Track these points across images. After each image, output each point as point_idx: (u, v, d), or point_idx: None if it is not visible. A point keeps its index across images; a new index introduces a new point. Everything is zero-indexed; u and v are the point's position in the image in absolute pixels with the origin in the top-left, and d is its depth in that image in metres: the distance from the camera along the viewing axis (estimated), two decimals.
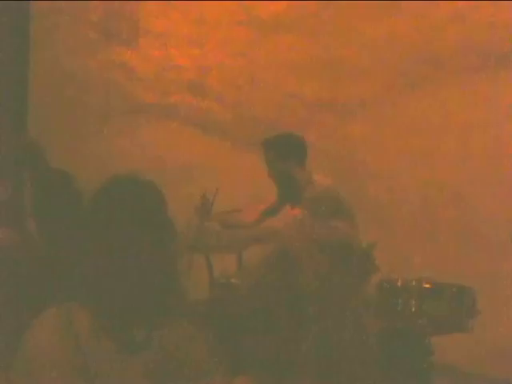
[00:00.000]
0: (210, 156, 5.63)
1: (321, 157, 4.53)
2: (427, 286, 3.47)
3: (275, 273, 1.52)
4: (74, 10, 5.99)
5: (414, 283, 3.48)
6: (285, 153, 3.98)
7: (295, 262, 1.53)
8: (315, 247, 1.56)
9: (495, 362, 4.56)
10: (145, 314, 1.69)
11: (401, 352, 3.44)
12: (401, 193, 5.10)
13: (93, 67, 5.93)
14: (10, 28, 5.87)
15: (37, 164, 4.43)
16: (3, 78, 5.78)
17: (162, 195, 1.77)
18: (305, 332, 1.49)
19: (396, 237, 5.01)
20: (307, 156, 4.05)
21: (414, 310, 3.42)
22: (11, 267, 3.63)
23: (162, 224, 1.73)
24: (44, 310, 1.69)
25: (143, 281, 1.68)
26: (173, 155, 5.68)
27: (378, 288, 3.46)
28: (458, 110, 5.05)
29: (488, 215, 4.86)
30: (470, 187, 4.91)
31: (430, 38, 5.11)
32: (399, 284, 3.50)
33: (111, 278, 1.67)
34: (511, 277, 4.71)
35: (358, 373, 1.55)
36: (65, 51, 6.00)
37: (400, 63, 5.19)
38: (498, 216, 4.83)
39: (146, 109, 5.84)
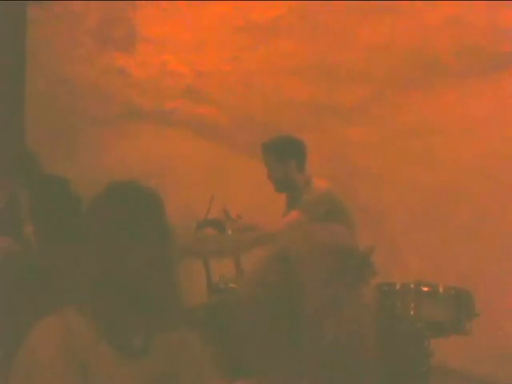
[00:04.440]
0: (208, 161, 5.63)
1: (318, 160, 4.54)
2: (425, 289, 3.48)
3: (273, 276, 1.52)
4: (70, 16, 6.01)
5: (412, 286, 3.48)
6: (284, 155, 3.99)
7: (293, 266, 1.53)
8: (313, 250, 1.56)
9: (494, 364, 4.56)
10: (143, 319, 1.69)
11: (399, 355, 3.45)
12: (399, 195, 5.11)
13: (90, 73, 5.93)
14: (6, 35, 5.88)
15: (32, 170, 4.44)
16: (0, 85, 5.79)
17: (161, 201, 1.78)
18: (304, 335, 1.49)
19: (395, 240, 5.01)
20: (306, 159, 4.06)
21: (412, 313, 3.42)
22: (10, 275, 3.63)
23: (159, 230, 1.74)
24: (43, 317, 1.69)
25: (141, 286, 1.68)
26: (170, 160, 5.68)
27: (376, 291, 3.46)
28: (456, 112, 5.06)
29: (487, 217, 4.86)
30: (470, 189, 4.92)
31: (427, 41, 5.12)
32: (398, 287, 3.51)
33: (109, 284, 1.67)
34: (508, 277, 4.71)
35: (357, 375, 1.55)
36: (62, 57, 6.01)
37: (397, 66, 5.20)
38: (498, 217, 4.83)
39: (143, 115, 5.85)
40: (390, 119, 5.19)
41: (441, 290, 3.49)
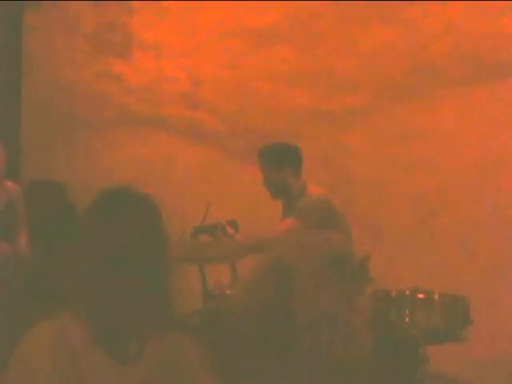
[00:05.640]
0: (204, 167, 5.63)
1: (314, 167, 4.54)
2: (421, 295, 3.48)
3: (268, 283, 1.52)
4: (67, 21, 6.00)
5: (407, 293, 3.48)
6: (280, 162, 4.00)
7: (288, 273, 1.53)
8: (308, 258, 1.56)
9: (489, 371, 4.56)
10: (138, 326, 1.69)
11: (395, 362, 3.44)
12: (395, 203, 5.11)
13: (86, 79, 5.93)
14: (3, 39, 5.88)
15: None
16: None
17: (156, 207, 1.78)
18: (298, 342, 1.49)
19: (389, 246, 5.01)
20: (302, 165, 4.07)
21: (407, 320, 3.42)
22: (4, 280, 3.63)
23: (155, 236, 1.74)
24: (37, 322, 1.69)
25: (137, 292, 1.68)
26: (166, 166, 5.67)
27: (372, 298, 3.46)
28: (450, 119, 5.07)
29: (480, 224, 4.87)
30: (463, 197, 4.92)
31: (424, 49, 5.13)
32: (393, 294, 3.51)
33: (105, 290, 1.67)
34: (503, 285, 4.72)
35: (352, 382, 1.55)
36: (58, 62, 6.00)
37: (394, 74, 5.21)
38: (494, 225, 4.83)
39: (139, 120, 5.84)
40: (387, 126, 5.20)
41: (436, 297, 3.48)
